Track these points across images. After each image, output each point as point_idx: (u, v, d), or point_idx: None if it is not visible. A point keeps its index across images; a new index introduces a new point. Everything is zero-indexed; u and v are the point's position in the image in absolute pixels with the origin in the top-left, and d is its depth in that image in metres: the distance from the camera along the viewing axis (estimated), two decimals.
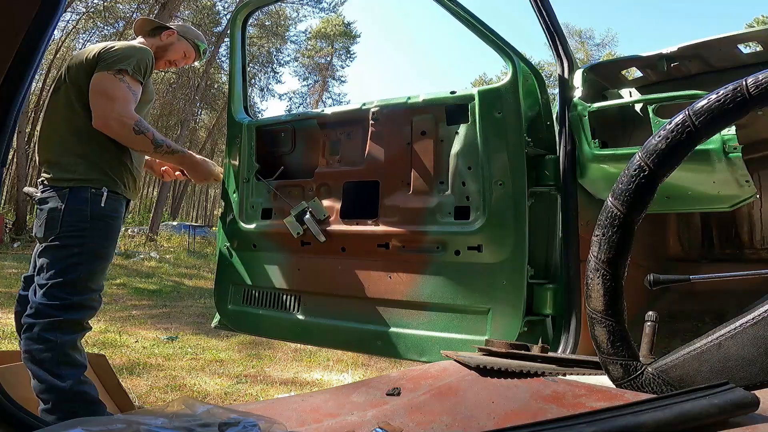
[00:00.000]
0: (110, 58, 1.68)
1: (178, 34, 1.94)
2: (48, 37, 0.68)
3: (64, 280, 1.58)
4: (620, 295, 0.53)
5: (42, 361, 1.52)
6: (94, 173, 1.66)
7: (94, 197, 1.64)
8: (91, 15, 16.65)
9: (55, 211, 1.61)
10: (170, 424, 0.44)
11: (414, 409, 0.54)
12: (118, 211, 1.72)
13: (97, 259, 1.64)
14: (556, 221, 1.63)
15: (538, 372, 0.56)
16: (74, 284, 1.59)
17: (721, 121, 0.49)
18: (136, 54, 1.71)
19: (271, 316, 1.91)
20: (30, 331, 1.55)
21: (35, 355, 1.53)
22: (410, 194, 1.68)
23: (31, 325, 1.55)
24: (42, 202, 1.65)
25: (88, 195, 1.64)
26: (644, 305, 2.20)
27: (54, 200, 1.63)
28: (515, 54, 1.60)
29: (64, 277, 1.58)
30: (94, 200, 1.64)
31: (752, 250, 2.51)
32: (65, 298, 1.57)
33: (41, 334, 1.53)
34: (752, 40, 1.75)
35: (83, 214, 1.62)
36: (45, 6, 0.65)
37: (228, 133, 2.06)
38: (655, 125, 1.45)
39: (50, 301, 1.56)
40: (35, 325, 1.54)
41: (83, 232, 1.61)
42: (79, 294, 1.59)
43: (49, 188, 1.65)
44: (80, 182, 1.64)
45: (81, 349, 1.62)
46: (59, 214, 1.60)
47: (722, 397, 0.38)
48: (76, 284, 1.59)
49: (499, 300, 1.52)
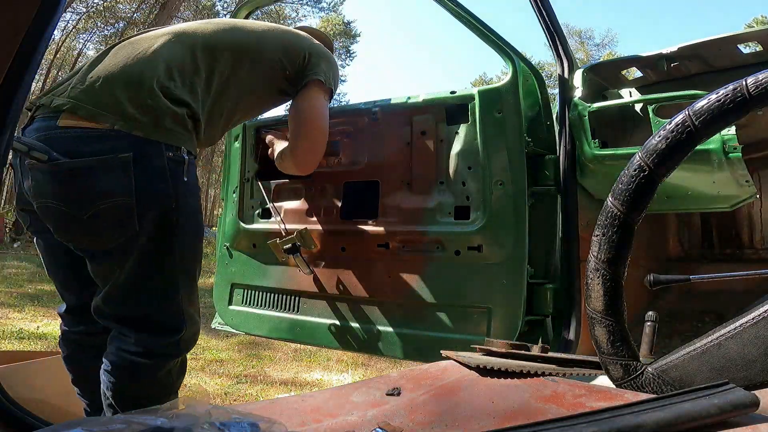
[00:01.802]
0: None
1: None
2: (48, 37, 0.68)
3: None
4: (620, 295, 0.53)
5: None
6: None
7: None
8: (91, 15, 16.66)
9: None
10: (170, 424, 0.44)
11: (414, 409, 0.54)
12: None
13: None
14: (556, 221, 1.63)
15: (538, 372, 0.56)
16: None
17: (721, 121, 0.49)
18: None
19: (271, 316, 1.90)
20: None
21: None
22: (410, 194, 1.68)
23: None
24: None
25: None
26: (644, 305, 2.20)
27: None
28: (515, 54, 1.60)
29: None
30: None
31: (752, 250, 2.51)
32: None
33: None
34: (752, 40, 1.75)
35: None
36: (45, 6, 0.65)
37: (228, 133, 2.06)
38: (655, 125, 1.45)
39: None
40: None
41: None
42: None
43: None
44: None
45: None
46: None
47: (722, 397, 0.38)
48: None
49: (499, 300, 1.52)
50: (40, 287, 5.69)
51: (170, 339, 1.25)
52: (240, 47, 1.40)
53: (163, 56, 1.27)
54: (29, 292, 5.44)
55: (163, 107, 1.21)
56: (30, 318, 4.22)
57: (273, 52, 1.45)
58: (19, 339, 3.48)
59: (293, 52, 1.47)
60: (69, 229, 1.17)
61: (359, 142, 1.79)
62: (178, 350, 1.27)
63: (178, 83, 1.27)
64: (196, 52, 1.33)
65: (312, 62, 1.48)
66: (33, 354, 1.96)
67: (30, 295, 5.22)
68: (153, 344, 1.22)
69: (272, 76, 1.46)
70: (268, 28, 1.53)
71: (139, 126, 1.17)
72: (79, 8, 16.33)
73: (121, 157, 1.13)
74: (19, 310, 4.48)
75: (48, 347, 3.32)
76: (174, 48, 1.31)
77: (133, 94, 1.19)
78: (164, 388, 1.27)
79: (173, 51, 1.30)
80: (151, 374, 1.23)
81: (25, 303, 4.79)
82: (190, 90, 1.29)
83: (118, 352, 1.23)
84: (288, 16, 22.79)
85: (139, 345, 1.21)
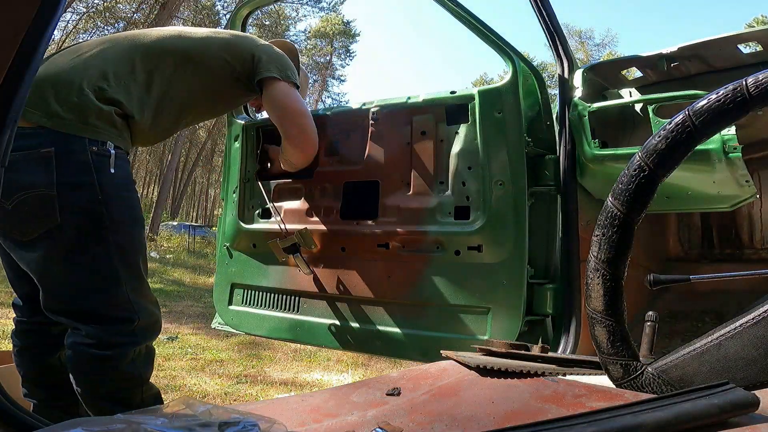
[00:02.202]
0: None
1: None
2: (48, 37, 0.68)
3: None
4: (620, 295, 0.53)
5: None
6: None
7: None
8: (92, 15, 16.65)
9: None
10: (170, 424, 0.44)
11: (414, 409, 0.54)
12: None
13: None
14: (556, 221, 1.63)
15: (538, 372, 0.56)
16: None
17: (721, 121, 0.49)
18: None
19: (271, 316, 1.90)
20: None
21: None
22: (410, 194, 1.68)
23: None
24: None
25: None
26: (644, 305, 2.20)
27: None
28: (515, 54, 1.60)
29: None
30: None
31: (752, 250, 2.51)
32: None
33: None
34: (752, 40, 1.75)
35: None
36: (45, 6, 0.65)
37: (228, 133, 2.06)
38: (655, 125, 1.45)
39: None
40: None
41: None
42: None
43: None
44: None
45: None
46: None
47: (722, 397, 0.38)
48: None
49: (499, 300, 1.52)
50: None
51: (122, 328, 1.27)
52: (182, 51, 1.47)
53: (99, 61, 1.34)
54: None
55: (90, 105, 1.27)
56: None
57: (217, 53, 1.51)
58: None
59: (238, 52, 1.53)
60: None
61: (359, 142, 1.79)
62: (135, 339, 1.29)
63: (112, 84, 1.32)
64: (135, 58, 1.39)
65: (262, 61, 1.53)
66: None
67: None
68: (105, 335, 1.25)
69: (221, 74, 1.52)
70: (213, 32, 1.62)
71: (63, 123, 1.23)
72: (79, 8, 16.33)
73: (42, 152, 1.20)
74: None
75: None
76: (111, 54, 1.37)
77: (61, 93, 1.25)
78: (132, 379, 1.30)
79: (110, 56, 1.37)
80: (112, 365, 1.26)
81: None
82: (125, 91, 1.34)
83: (74, 345, 1.27)
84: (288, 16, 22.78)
85: (91, 337, 1.25)
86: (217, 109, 1.77)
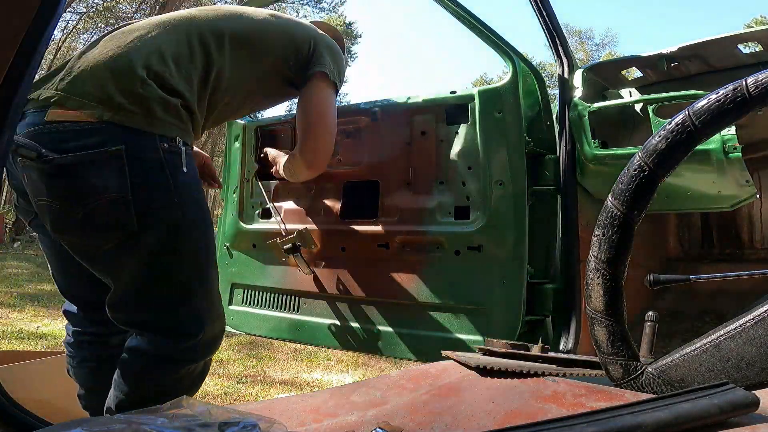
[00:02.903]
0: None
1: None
2: (48, 37, 0.68)
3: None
4: (620, 295, 0.53)
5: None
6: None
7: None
8: (92, 15, 16.66)
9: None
10: (170, 424, 0.44)
11: (414, 409, 0.54)
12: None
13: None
14: (556, 221, 1.63)
15: (538, 372, 0.56)
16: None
17: (721, 121, 0.49)
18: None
19: (271, 316, 1.91)
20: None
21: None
22: (410, 194, 1.68)
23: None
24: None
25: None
26: (644, 305, 2.20)
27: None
28: (515, 54, 1.60)
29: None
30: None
31: (752, 250, 2.51)
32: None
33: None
34: (752, 40, 1.75)
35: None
36: (45, 6, 0.65)
37: (228, 133, 2.06)
38: (655, 125, 1.45)
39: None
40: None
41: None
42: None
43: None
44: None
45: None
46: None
47: (722, 397, 0.38)
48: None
49: (499, 300, 1.52)
50: (40, 287, 5.69)
51: (187, 343, 1.18)
52: (241, 35, 1.31)
53: (157, 44, 1.19)
54: (29, 292, 5.44)
55: (155, 96, 1.13)
56: (30, 318, 4.22)
57: (276, 41, 1.37)
58: (19, 339, 3.48)
59: (298, 41, 1.40)
60: (65, 228, 1.12)
61: (359, 142, 1.79)
62: (194, 356, 1.20)
63: (173, 71, 1.18)
64: (192, 40, 1.24)
65: (318, 52, 1.41)
66: (33, 354, 1.96)
67: (30, 295, 5.22)
68: (171, 348, 1.16)
69: (275, 64, 1.38)
70: (272, 15, 1.45)
71: (129, 117, 1.10)
72: (79, 8, 16.34)
73: (111, 151, 1.06)
74: (19, 310, 4.47)
75: (48, 347, 3.32)
76: (169, 36, 1.22)
77: (122, 82, 1.11)
78: (173, 393, 1.23)
79: (168, 39, 1.22)
80: (172, 377, 1.18)
81: (25, 303, 4.79)
82: (185, 78, 1.21)
83: (134, 350, 1.18)
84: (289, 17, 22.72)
85: (156, 349, 1.16)
86: (265, 105, 1.63)
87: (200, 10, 1.37)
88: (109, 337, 1.33)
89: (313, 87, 1.39)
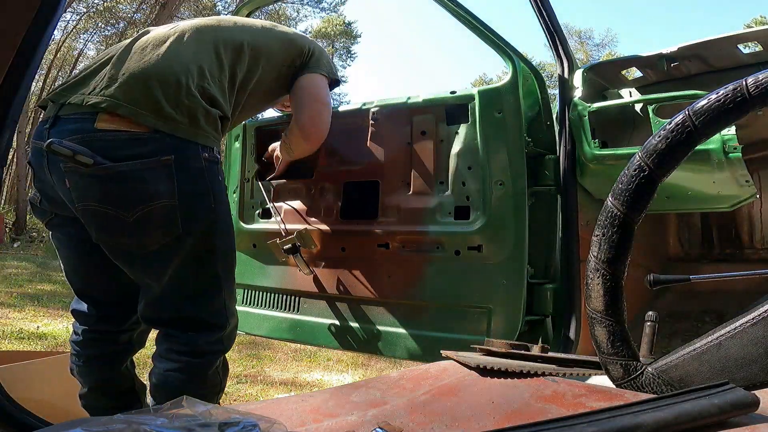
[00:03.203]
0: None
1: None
2: (48, 37, 0.68)
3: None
4: (620, 295, 0.53)
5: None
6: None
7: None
8: (92, 15, 16.65)
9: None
10: (170, 424, 0.44)
11: (414, 409, 0.54)
12: None
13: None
14: (556, 221, 1.64)
15: (538, 372, 0.56)
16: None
17: (721, 121, 0.49)
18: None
19: (271, 316, 1.91)
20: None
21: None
22: (410, 194, 1.68)
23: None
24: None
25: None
26: (644, 305, 2.20)
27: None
28: (515, 54, 1.60)
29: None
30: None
31: (752, 250, 2.51)
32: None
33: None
34: (752, 40, 1.75)
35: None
36: (45, 6, 0.66)
37: (228, 133, 2.06)
38: (655, 125, 1.45)
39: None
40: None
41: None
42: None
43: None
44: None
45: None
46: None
47: (722, 397, 0.38)
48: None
49: (499, 300, 1.52)
50: (40, 287, 5.69)
51: (215, 336, 1.27)
52: (256, 46, 1.41)
53: (192, 54, 1.27)
54: (29, 292, 5.44)
55: (200, 107, 1.22)
56: (30, 318, 4.22)
57: (281, 49, 1.48)
58: (19, 339, 3.48)
59: (298, 49, 1.51)
60: (114, 231, 1.17)
61: (359, 142, 1.79)
62: (222, 347, 1.29)
63: (211, 83, 1.27)
64: (220, 51, 1.33)
65: (315, 57, 1.52)
66: (33, 354, 1.96)
67: (30, 295, 5.22)
68: (200, 343, 1.24)
69: (279, 72, 1.49)
70: (273, 25, 1.57)
71: (178, 127, 1.18)
72: (79, 8, 16.33)
73: (163, 160, 1.14)
74: (19, 310, 4.47)
75: (48, 347, 3.32)
76: (199, 46, 1.31)
77: (170, 93, 1.19)
78: (214, 386, 1.30)
79: (200, 49, 1.30)
80: (202, 373, 1.25)
81: (25, 303, 4.79)
82: (220, 89, 1.30)
83: (168, 353, 1.25)
84: (289, 16, 22.77)
85: (187, 345, 1.23)
86: (267, 106, 1.73)
87: (218, 20, 1.47)
88: (119, 334, 1.38)
89: (309, 75, 1.50)
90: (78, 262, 1.34)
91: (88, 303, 1.38)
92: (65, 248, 1.34)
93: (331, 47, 26.81)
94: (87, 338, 1.37)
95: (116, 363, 1.39)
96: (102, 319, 1.37)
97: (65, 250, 1.34)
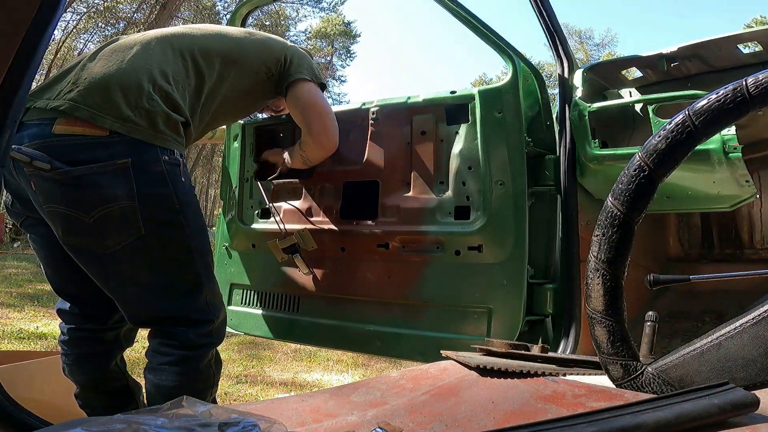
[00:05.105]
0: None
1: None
2: (48, 37, 0.68)
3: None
4: (620, 295, 0.53)
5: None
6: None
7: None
8: (92, 15, 16.65)
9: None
10: (170, 424, 0.44)
11: (414, 409, 0.54)
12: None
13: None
14: (556, 221, 1.63)
15: (538, 372, 0.56)
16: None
17: (721, 121, 0.49)
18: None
19: (270, 317, 1.90)
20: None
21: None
22: (410, 194, 1.68)
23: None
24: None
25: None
26: (644, 305, 2.20)
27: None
28: (515, 54, 1.60)
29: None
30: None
31: (752, 250, 2.51)
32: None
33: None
34: (752, 40, 1.75)
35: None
36: (45, 6, 0.65)
37: (227, 133, 2.06)
38: (655, 125, 1.45)
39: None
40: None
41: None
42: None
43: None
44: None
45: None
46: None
47: (722, 397, 0.38)
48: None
49: (499, 300, 1.52)
50: (40, 287, 5.69)
51: (203, 330, 1.30)
52: (227, 54, 1.44)
53: (157, 60, 1.31)
54: (29, 292, 5.44)
55: (160, 111, 1.25)
56: (30, 318, 4.22)
57: (255, 57, 1.51)
58: (19, 339, 3.48)
59: (272, 54, 1.53)
60: (76, 232, 1.20)
61: (359, 142, 1.79)
62: (213, 340, 1.33)
63: (173, 88, 1.30)
64: (187, 58, 1.36)
65: (294, 63, 1.54)
66: (33, 354, 1.96)
67: (30, 295, 5.22)
68: (192, 336, 1.27)
69: (256, 80, 1.52)
70: (248, 33, 1.59)
71: (137, 129, 1.20)
72: (79, 8, 16.33)
73: (119, 163, 1.17)
74: (19, 310, 4.47)
75: (48, 347, 3.32)
76: (166, 53, 1.34)
77: (131, 96, 1.21)
78: (208, 380, 1.33)
79: (166, 56, 1.33)
80: (195, 365, 1.28)
81: (25, 303, 4.79)
82: (182, 95, 1.32)
83: (160, 347, 1.28)
84: (288, 16, 22.77)
85: (178, 338, 1.27)
86: (245, 113, 1.77)
87: (189, 28, 1.50)
88: (104, 333, 1.41)
89: (298, 88, 1.53)
90: (54, 262, 1.37)
91: (70, 302, 1.41)
92: (41, 248, 1.37)
93: (331, 47, 26.80)
94: (73, 337, 1.40)
95: (105, 361, 1.42)
96: (86, 317, 1.40)
97: (42, 250, 1.37)
